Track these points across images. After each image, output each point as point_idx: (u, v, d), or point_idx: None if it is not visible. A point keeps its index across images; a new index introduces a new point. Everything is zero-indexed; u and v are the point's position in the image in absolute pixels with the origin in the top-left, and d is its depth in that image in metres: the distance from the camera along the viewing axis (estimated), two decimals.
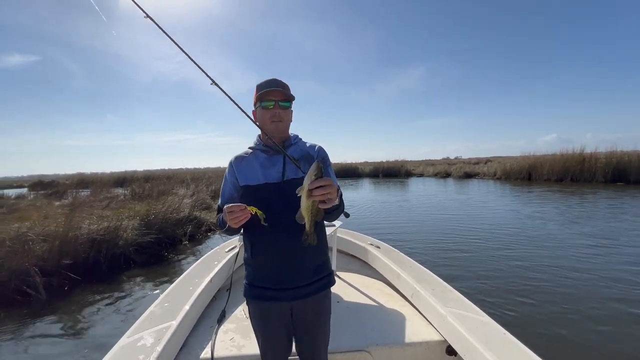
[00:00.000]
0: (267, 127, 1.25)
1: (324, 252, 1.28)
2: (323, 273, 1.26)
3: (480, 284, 3.94)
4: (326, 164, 1.27)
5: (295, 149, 1.29)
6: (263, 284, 1.22)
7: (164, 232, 6.37)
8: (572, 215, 8.02)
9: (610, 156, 16.35)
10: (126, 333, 1.59)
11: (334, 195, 1.01)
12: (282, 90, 1.21)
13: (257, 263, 1.23)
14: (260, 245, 1.21)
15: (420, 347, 1.76)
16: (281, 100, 1.22)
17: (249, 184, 1.23)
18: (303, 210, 1.02)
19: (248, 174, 1.24)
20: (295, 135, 1.35)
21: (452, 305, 1.83)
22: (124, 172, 36.38)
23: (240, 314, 2.15)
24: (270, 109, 1.22)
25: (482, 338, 1.48)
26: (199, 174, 27.18)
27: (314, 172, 0.98)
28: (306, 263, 1.21)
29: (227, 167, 1.31)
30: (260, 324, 1.25)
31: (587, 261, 4.62)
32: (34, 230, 4.90)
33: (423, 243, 5.92)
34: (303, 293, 1.20)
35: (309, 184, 0.98)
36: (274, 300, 1.21)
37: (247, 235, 1.26)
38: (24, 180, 49.62)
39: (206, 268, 2.47)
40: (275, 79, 1.24)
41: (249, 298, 1.26)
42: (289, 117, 1.28)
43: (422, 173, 29.58)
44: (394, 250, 2.87)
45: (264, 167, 1.23)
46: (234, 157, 1.31)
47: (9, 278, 4.01)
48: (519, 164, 20.35)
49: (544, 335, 2.80)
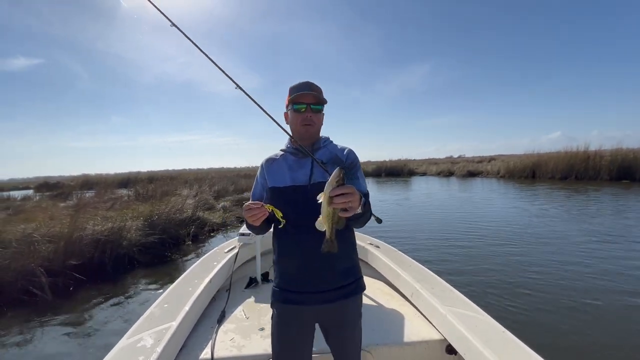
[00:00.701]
0: (298, 129, 1.25)
1: (351, 257, 1.24)
2: (350, 278, 1.22)
3: (480, 282, 3.93)
4: (355, 168, 1.26)
5: (324, 151, 1.28)
6: (287, 287, 1.21)
7: (167, 232, 6.41)
8: (575, 213, 7.96)
9: (615, 154, 16.24)
10: (126, 334, 1.58)
11: (355, 204, 0.98)
12: (315, 94, 1.21)
13: (283, 265, 1.23)
14: (286, 247, 1.22)
15: (420, 346, 1.76)
16: (313, 103, 1.22)
17: (277, 185, 1.23)
18: (323, 217, 0.99)
19: (277, 176, 1.25)
20: (326, 137, 1.34)
21: (452, 304, 1.83)
22: (128, 173, 36.66)
23: (240, 314, 2.16)
24: (302, 112, 1.22)
25: (482, 337, 1.48)
26: (202, 174, 27.31)
27: (336, 178, 0.95)
28: (331, 267, 1.19)
29: (259, 169, 1.33)
30: (279, 327, 1.23)
31: (590, 259, 4.59)
32: (40, 231, 4.95)
33: (423, 242, 5.91)
34: (328, 298, 1.17)
35: (329, 190, 0.95)
36: (297, 303, 1.19)
37: (275, 237, 1.27)
38: (30, 181, 50.16)
39: (205, 269, 2.47)
40: (308, 82, 1.24)
41: (273, 300, 1.25)
42: (320, 120, 1.28)
43: (425, 172, 29.47)
44: (394, 249, 2.87)
45: (292, 170, 1.24)
46: (265, 159, 1.33)
47: (15, 278, 4.07)
48: (523, 162, 20.22)
49: (545, 333, 2.79)
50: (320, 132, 1.32)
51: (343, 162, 1.25)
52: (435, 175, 27.17)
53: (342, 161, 1.25)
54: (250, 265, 3.03)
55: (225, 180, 17.57)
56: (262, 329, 1.94)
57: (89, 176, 31.77)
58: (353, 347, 1.27)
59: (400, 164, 31.36)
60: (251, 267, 2.94)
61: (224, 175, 24.67)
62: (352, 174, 1.25)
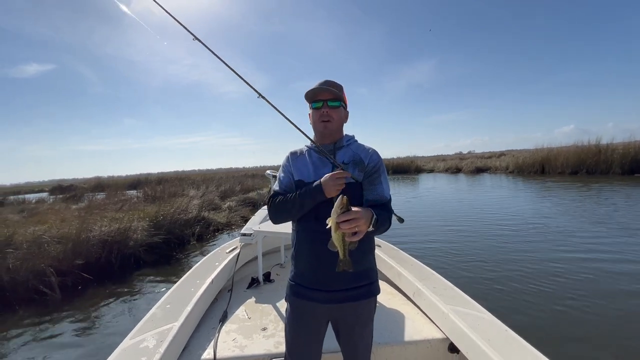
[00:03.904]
0: (317, 126, 1.26)
1: (367, 259, 1.24)
2: (364, 281, 1.22)
3: (482, 279, 3.86)
4: (378, 172, 1.24)
5: (346, 151, 1.26)
6: (300, 282, 1.23)
7: (172, 232, 6.50)
8: (581, 209, 7.76)
9: (627, 147, 15.71)
10: (128, 335, 1.59)
11: (363, 227, 1.00)
12: (331, 90, 1.22)
13: (298, 260, 1.25)
14: (304, 243, 1.23)
15: (423, 345, 1.74)
16: (330, 99, 1.23)
17: (303, 179, 1.24)
18: (334, 241, 1.02)
19: (302, 170, 1.26)
20: (351, 136, 1.33)
21: (453, 303, 1.81)
22: (138, 175, 37.30)
23: (242, 315, 2.16)
24: (320, 109, 1.23)
25: (484, 335, 1.46)
26: (211, 175, 27.59)
27: (339, 206, 0.97)
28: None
29: (284, 160, 1.34)
30: (292, 320, 1.25)
31: (594, 255, 4.46)
32: (50, 232, 5.08)
33: (422, 240, 5.85)
34: (340, 298, 1.18)
35: (335, 217, 0.97)
36: (307, 299, 1.21)
37: (295, 231, 1.28)
38: (45, 184, 51.44)
39: (207, 269, 2.48)
40: (327, 80, 1.25)
41: (287, 293, 1.28)
42: (340, 116, 1.26)
43: (433, 169, 29.19)
44: (395, 248, 2.84)
45: (316, 166, 1.24)
46: (290, 152, 1.34)
47: (26, 278, 4.17)
48: (532, 157, 19.81)
49: (548, 331, 2.72)
50: (342, 130, 1.31)
51: (365, 164, 1.23)
52: (443, 172, 26.87)
53: (364, 163, 1.23)
54: (252, 265, 3.04)
55: (233, 180, 17.72)
56: (265, 329, 1.93)
57: (101, 178, 32.53)
58: (363, 348, 1.27)
59: (408, 161, 31.14)
60: (253, 268, 2.94)
61: (232, 175, 24.92)
62: (375, 179, 1.22)
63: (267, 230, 2.58)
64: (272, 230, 2.53)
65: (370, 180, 1.22)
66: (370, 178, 1.22)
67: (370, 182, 1.22)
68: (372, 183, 1.22)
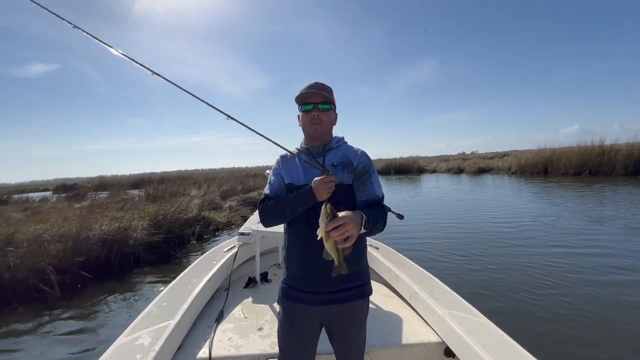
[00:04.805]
0: (308, 129, 1.26)
1: (358, 260, 1.23)
2: (356, 282, 1.21)
3: (481, 281, 3.83)
4: (368, 173, 1.24)
5: (335, 153, 1.27)
6: (291, 284, 1.24)
7: (172, 232, 6.51)
8: (581, 209, 7.68)
9: (631, 148, 15.52)
10: (124, 332, 1.59)
11: (354, 231, 1.01)
12: (321, 93, 1.22)
13: (290, 263, 1.25)
14: (295, 245, 1.23)
15: (419, 348, 1.73)
16: (320, 102, 1.23)
17: (293, 182, 1.25)
18: (328, 250, 1.02)
19: (292, 173, 1.27)
20: (339, 138, 1.33)
21: (450, 306, 1.79)
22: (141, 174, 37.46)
23: (239, 314, 2.15)
24: (310, 112, 1.23)
25: (480, 340, 1.45)
26: (213, 174, 27.66)
27: (325, 215, 0.98)
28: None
29: (274, 163, 1.35)
30: (284, 323, 1.26)
31: (593, 259, 4.40)
32: (50, 231, 5.10)
33: (422, 240, 5.82)
34: (330, 299, 1.18)
35: (323, 226, 0.98)
36: (298, 301, 1.21)
37: (286, 234, 1.28)
38: (50, 183, 51.85)
39: (205, 268, 2.48)
40: (316, 82, 1.26)
41: (279, 296, 1.29)
42: (329, 119, 1.27)
43: (435, 169, 29.06)
44: (393, 251, 2.82)
45: (306, 169, 1.25)
46: (280, 155, 1.35)
47: (26, 276, 4.19)
48: (535, 157, 19.66)
49: (544, 336, 2.68)
50: (331, 132, 1.32)
51: (354, 166, 1.23)
52: (446, 172, 26.75)
53: (353, 164, 1.23)
54: (249, 265, 3.03)
55: (234, 180, 17.76)
56: (261, 329, 1.93)
57: (105, 178, 32.70)
58: (356, 349, 1.27)
59: (410, 162, 31.06)
60: (250, 267, 2.93)
61: (234, 175, 24.98)
62: (365, 180, 1.23)
63: (266, 230, 2.57)
64: (270, 230, 2.53)
65: (360, 181, 1.23)
66: (361, 179, 1.23)
67: (360, 183, 1.23)
68: (363, 183, 1.23)
